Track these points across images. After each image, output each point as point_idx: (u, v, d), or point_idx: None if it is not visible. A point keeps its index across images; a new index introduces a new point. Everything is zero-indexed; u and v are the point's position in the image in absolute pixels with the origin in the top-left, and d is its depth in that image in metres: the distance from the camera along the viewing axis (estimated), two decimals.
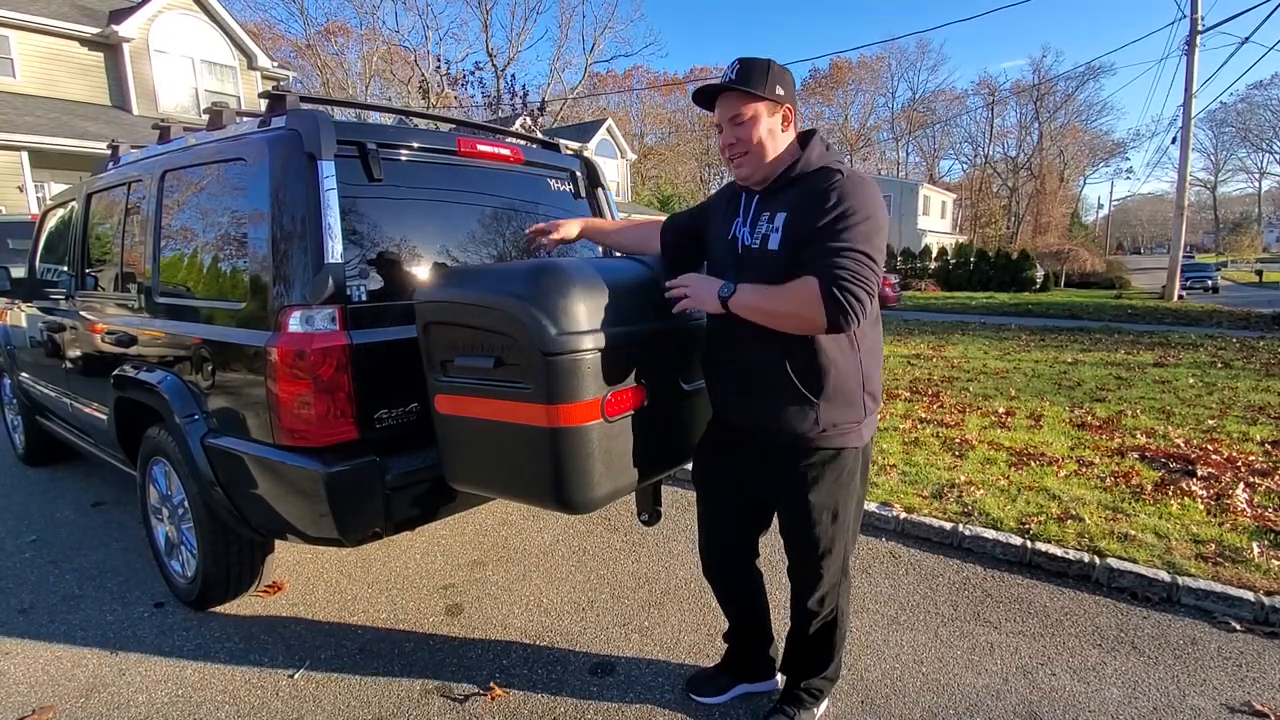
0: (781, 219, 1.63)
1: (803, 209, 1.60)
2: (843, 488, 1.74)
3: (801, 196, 1.62)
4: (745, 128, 1.65)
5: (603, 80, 45.76)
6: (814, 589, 1.85)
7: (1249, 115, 58.68)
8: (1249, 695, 2.18)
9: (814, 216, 1.56)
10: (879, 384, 1.77)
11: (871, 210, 1.55)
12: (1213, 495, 3.59)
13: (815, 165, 1.65)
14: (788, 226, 1.61)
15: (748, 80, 1.62)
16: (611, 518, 3.57)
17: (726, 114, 1.67)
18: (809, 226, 1.56)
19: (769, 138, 1.66)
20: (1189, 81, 17.81)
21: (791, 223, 1.61)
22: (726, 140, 1.69)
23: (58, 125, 12.47)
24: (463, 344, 1.86)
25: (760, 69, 1.64)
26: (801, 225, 1.59)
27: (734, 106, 1.65)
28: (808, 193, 1.61)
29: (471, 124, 3.00)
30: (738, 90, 1.63)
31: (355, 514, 2.08)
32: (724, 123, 1.68)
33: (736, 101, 1.65)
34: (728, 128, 1.67)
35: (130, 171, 2.95)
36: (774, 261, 1.62)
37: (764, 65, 1.65)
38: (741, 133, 1.65)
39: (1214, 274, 29.05)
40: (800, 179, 1.65)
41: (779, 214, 1.64)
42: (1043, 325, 13.24)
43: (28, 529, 3.53)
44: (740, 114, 1.64)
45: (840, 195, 1.55)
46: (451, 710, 2.13)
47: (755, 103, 1.64)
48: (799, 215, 1.60)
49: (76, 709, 2.15)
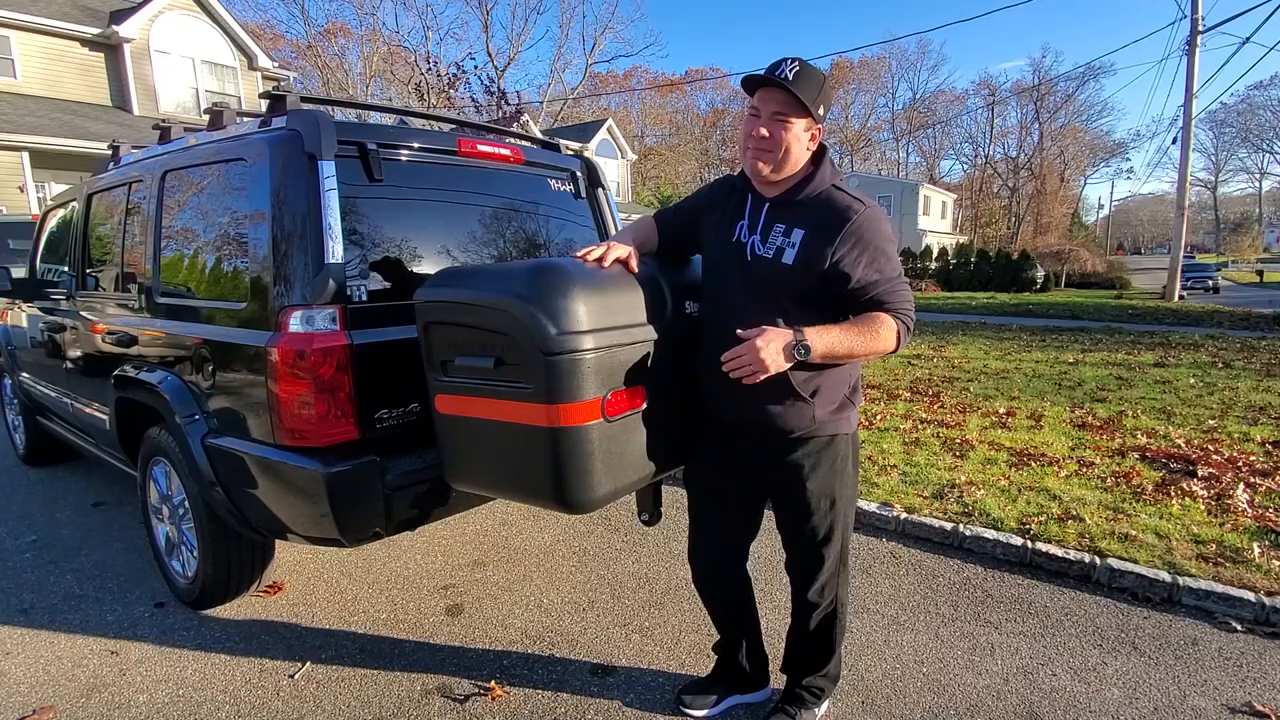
0: (799, 236, 1.68)
1: (824, 235, 1.65)
2: (838, 474, 1.81)
3: (821, 219, 1.67)
4: (783, 128, 1.65)
5: (603, 80, 45.82)
6: (814, 578, 1.88)
7: (1249, 115, 58.62)
8: (1250, 696, 2.17)
9: (844, 248, 1.64)
10: (859, 379, 1.88)
11: (893, 240, 1.72)
12: (1213, 495, 3.59)
13: (827, 184, 1.71)
14: (805, 246, 1.67)
15: (804, 88, 1.62)
16: (611, 518, 3.57)
17: (772, 107, 1.66)
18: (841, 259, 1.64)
19: (797, 147, 1.68)
20: (1189, 82, 17.79)
21: (810, 242, 1.66)
22: (758, 131, 1.67)
23: (59, 125, 12.48)
24: (463, 344, 1.86)
25: (816, 82, 1.64)
26: (823, 249, 1.64)
27: (781, 105, 1.65)
28: (828, 218, 1.66)
29: (472, 124, 3.00)
30: (791, 94, 1.62)
31: (355, 514, 2.08)
32: (764, 114, 1.67)
33: (786, 102, 1.64)
34: (766, 120, 1.66)
35: (131, 172, 2.95)
36: (786, 274, 1.69)
37: (820, 79, 1.65)
38: (777, 131, 1.65)
39: (1214, 274, 29.03)
40: (815, 200, 1.70)
41: (796, 230, 1.69)
42: (1043, 325, 13.23)
43: (28, 529, 3.53)
44: (785, 115, 1.65)
45: (872, 233, 1.65)
46: (451, 710, 2.13)
47: (803, 115, 1.65)
48: (820, 240, 1.65)
49: (77, 709, 2.15)
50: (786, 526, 1.90)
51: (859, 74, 55.57)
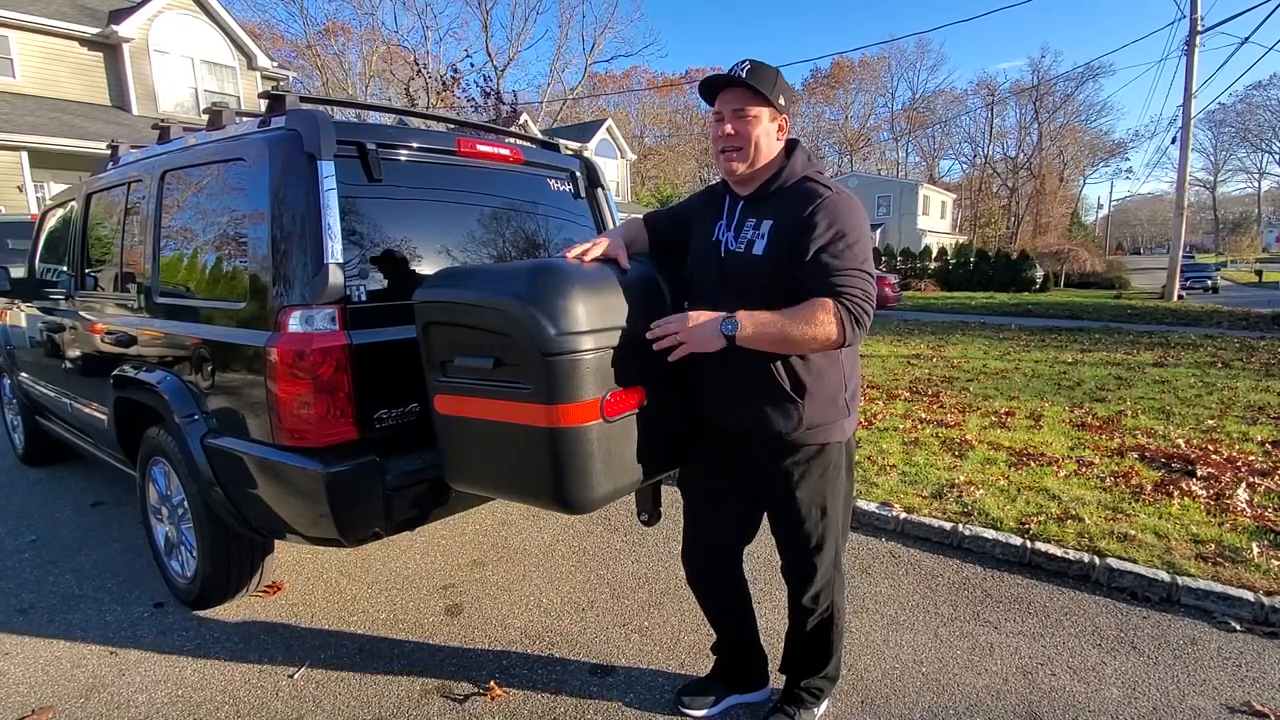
0: (768, 226, 1.70)
1: (791, 221, 1.65)
2: (829, 483, 1.79)
3: (788, 207, 1.68)
4: (746, 123, 1.69)
5: (603, 80, 45.85)
6: (808, 586, 1.88)
7: (1248, 115, 58.69)
8: (1249, 695, 2.18)
9: (805, 232, 1.62)
10: (858, 386, 1.84)
11: (864, 229, 1.66)
12: (1213, 495, 3.59)
13: (799, 174, 1.72)
14: (773, 234, 1.68)
15: (759, 80, 1.66)
16: (611, 518, 3.57)
17: (731, 105, 1.70)
18: (802, 243, 1.62)
19: (765, 140, 1.71)
20: (1189, 82, 17.81)
21: (778, 231, 1.67)
22: (724, 131, 1.70)
23: (58, 125, 12.47)
24: (462, 344, 1.86)
25: (770, 75, 1.69)
26: (790, 236, 1.64)
27: (740, 100, 1.69)
28: (795, 205, 1.66)
29: (472, 124, 3.00)
30: (747, 87, 1.65)
31: (355, 514, 2.08)
32: (726, 113, 1.70)
33: (744, 97, 1.68)
34: (730, 119, 1.70)
35: (130, 171, 2.95)
36: (758, 266, 1.69)
37: (773, 73, 1.70)
38: (742, 127, 1.69)
39: (1214, 274, 29.04)
40: (786, 190, 1.71)
41: (765, 221, 1.71)
42: (1043, 325, 13.24)
43: (28, 529, 3.53)
44: (745, 109, 1.68)
45: (833, 216, 1.62)
46: (451, 710, 2.13)
47: (761, 104, 1.68)
48: (786, 225, 1.66)
49: (76, 709, 2.15)
50: (779, 533, 1.90)
51: (859, 74, 55.48)
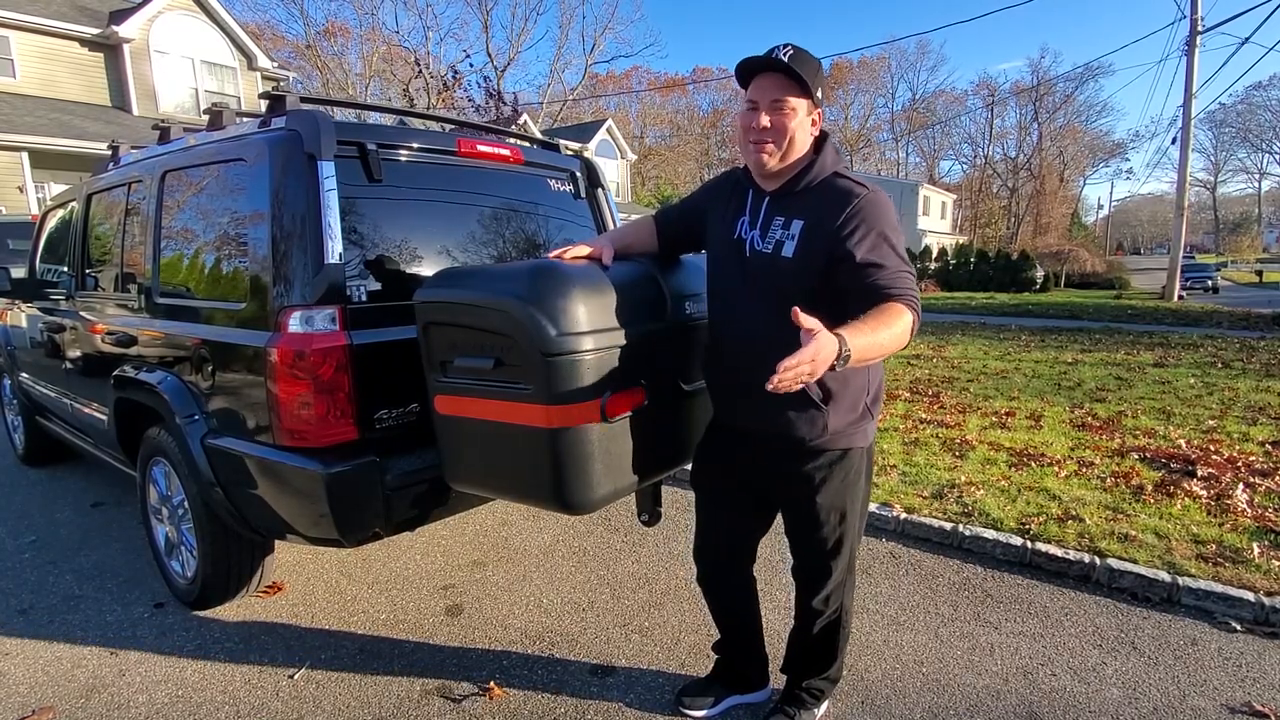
0: (799, 227, 1.60)
1: (826, 223, 1.56)
2: (849, 487, 1.75)
3: (821, 207, 1.58)
4: (785, 116, 1.58)
5: (603, 81, 45.88)
6: (820, 588, 1.85)
7: (1249, 116, 58.72)
8: (1249, 696, 2.17)
9: (847, 235, 1.53)
10: (881, 392, 1.78)
11: (898, 225, 1.59)
12: (1213, 495, 3.59)
13: (829, 170, 1.63)
14: (805, 235, 1.59)
15: (802, 67, 1.53)
16: (611, 518, 3.57)
17: (769, 95, 1.58)
18: (841, 247, 1.53)
19: (801, 134, 1.60)
20: (1189, 82, 17.79)
21: (810, 233, 1.58)
22: (759, 123, 1.59)
23: (58, 126, 12.48)
24: (462, 344, 1.86)
25: (814, 65, 1.57)
26: (825, 239, 1.55)
27: (780, 90, 1.57)
28: (829, 206, 1.57)
29: (472, 125, 3.00)
30: (789, 75, 1.54)
31: (355, 514, 2.08)
32: (763, 103, 1.59)
33: (785, 86, 1.56)
34: (767, 109, 1.58)
35: (130, 172, 2.95)
36: (786, 269, 1.61)
37: (817, 63, 1.58)
38: (778, 120, 1.58)
39: (1214, 274, 29.05)
40: (815, 188, 1.62)
41: (795, 221, 1.61)
42: (1043, 325, 13.23)
43: (28, 529, 3.53)
44: (785, 100, 1.57)
45: (874, 217, 1.54)
46: (451, 710, 2.13)
47: (801, 95, 1.57)
48: (820, 227, 1.57)
49: (76, 709, 2.15)
50: (794, 535, 1.85)
51: (858, 74, 55.63)
